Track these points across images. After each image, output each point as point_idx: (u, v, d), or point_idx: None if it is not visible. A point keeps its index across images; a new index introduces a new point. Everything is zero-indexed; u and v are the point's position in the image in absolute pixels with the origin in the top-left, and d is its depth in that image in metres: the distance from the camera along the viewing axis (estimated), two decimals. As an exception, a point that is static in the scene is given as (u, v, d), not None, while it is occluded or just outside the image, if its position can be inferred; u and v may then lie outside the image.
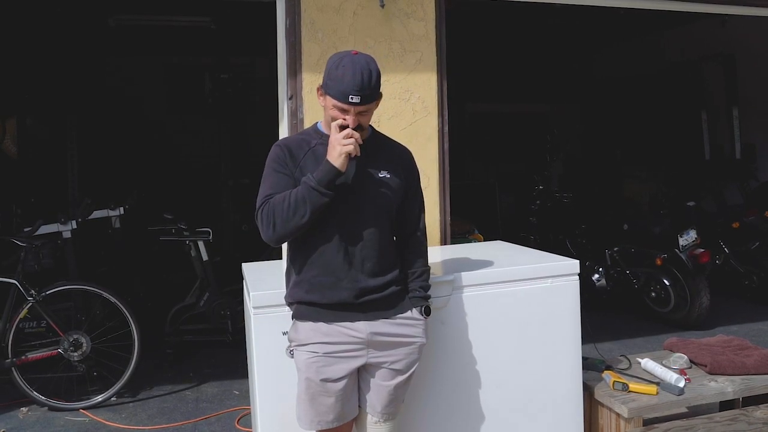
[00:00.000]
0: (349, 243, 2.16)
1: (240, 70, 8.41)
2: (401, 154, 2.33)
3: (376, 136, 2.32)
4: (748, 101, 7.43)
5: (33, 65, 6.79)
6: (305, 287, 2.18)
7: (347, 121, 2.08)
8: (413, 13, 3.65)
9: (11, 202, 6.06)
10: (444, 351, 2.62)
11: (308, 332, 2.18)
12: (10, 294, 3.97)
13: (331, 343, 2.16)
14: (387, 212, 2.22)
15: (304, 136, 2.28)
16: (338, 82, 2.05)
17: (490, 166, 9.93)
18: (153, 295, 5.73)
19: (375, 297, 2.19)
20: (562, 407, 2.83)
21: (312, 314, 2.18)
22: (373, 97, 2.12)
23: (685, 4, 4.44)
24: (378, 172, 2.20)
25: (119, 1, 5.91)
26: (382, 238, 2.21)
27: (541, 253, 3.14)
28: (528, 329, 2.75)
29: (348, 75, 2.04)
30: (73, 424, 3.79)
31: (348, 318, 2.17)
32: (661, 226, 5.57)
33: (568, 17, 6.98)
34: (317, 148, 2.19)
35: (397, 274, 2.27)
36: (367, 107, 2.11)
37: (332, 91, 2.07)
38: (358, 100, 2.05)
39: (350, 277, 2.16)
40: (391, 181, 2.22)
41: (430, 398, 2.62)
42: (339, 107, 2.08)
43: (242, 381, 4.29)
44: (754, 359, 3.09)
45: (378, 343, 2.19)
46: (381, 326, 2.20)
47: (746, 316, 5.60)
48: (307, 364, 2.17)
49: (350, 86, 2.04)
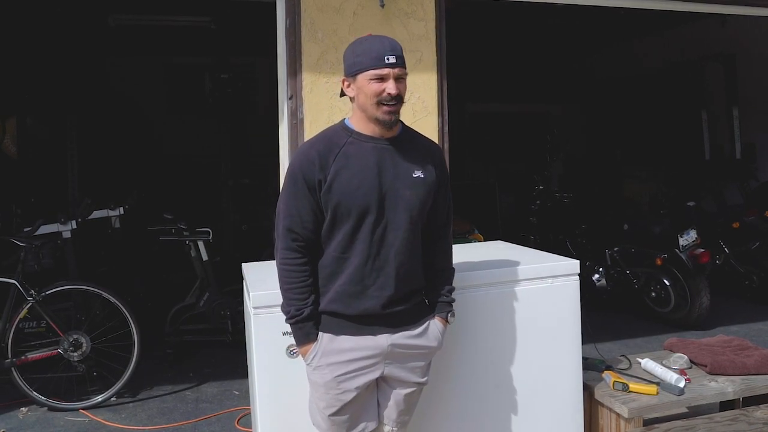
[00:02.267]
0: (381, 249, 2.06)
1: (240, 70, 8.41)
2: (433, 150, 2.23)
3: (407, 131, 2.21)
4: (748, 101, 7.42)
5: (33, 65, 6.78)
6: (329, 296, 2.09)
7: (389, 88, 1.99)
8: (413, 13, 3.65)
9: (11, 202, 6.06)
10: (444, 351, 2.61)
11: (329, 346, 2.10)
12: (10, 294, 3.97)
13: (351, 360, 2.08)
14: (420, 214, 2.12)
15: (332, 134, 2.13)
16: (368, 52, 2.01)
17: (490, 166, 9.93)
18: (153, 295, 5.73)
19: (400, 309, 2.11)
20: (562, 407, 2.83)
21: (333, 326, 2.10)
22: (404, 62, 2.04)
23: (685, 4, 4.43)
24: (413, 172, 2.10)
25: (119, 1, 5.91)
26: (414, 243, 2.13)
27: (541, 253, 3.14)
28: (528, 329, 2.75)
29: (376, 42, 2.03)
30: (73, 424, 3.79)
31: (371, 331, 2.09)
32: (661, 226, 5.57)
33: (568, 17, 6.98)
34: (348, 147, 2.07)
35: (422, 285, 2.21)
36: (402, 71, 2.03)
37: (365, 62, 2.00)
38: (395, 60, 1.99)
39: (378, 285, 2.06)
40: (425, 181, 2.12)
41: (430, 398, 2.62)
42: (377, 75, 1.99)
43: (242, 381, 4.29)
44: (755, 359, 3.09)
45: (396, 355, 2.14)
46: (401, 339, 2.13)
47: (746, 316, 5.60)
48: (326, 385, 2.10)
49: (382, 49, 2.00)
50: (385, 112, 2.02)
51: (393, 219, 2.07)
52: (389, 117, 2.03)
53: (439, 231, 2.25)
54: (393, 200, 2.06)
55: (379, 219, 2.05)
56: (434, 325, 2.22)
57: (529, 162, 8.84)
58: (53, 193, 6.66)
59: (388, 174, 2.07)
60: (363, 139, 2.09)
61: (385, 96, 2.00)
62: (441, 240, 2.26)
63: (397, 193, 2.07)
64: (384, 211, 2.05)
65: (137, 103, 8.35)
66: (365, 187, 2.03)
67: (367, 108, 2.04)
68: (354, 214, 2.03)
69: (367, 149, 2.08)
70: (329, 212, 2.05)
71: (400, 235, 2.07)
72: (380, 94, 2.01)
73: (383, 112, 2.02)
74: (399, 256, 2.08)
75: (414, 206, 2.09)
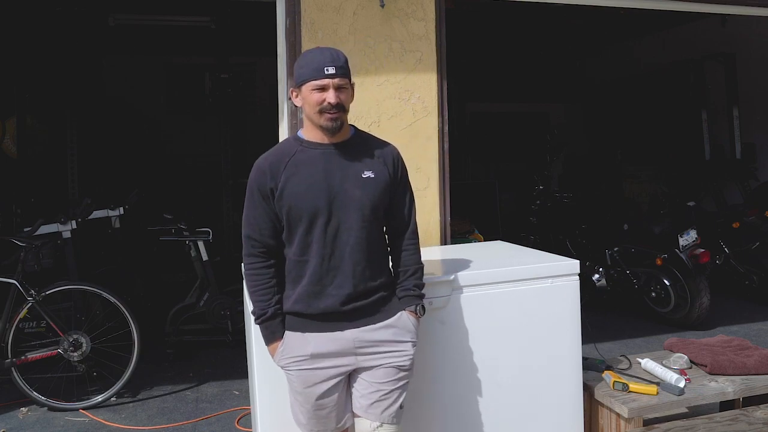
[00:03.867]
0: (337, 249, 2.14)
1: (240, 70, 8.42)
2: (386, 151, 2.28)
3: (360, 135, 2.29)
4: (748, 101, 7.42)
5: (33, 65, 6.78)
6: (293, 298, 2.18)
7: (329, 98, 2.09)
8: (413, 13, 3.65)
9: (11, 202, 6.06)
10: (444, 351, 2.62)
11: (295, 343, 2.18)
12: (10, 294, 3.97)
13: (318, 355, 2.15)
14: (374, 213, 2.18)
15: (284, 146, 2.26)
16: (309, 63, 2.13)
17: (490, 166, 9.94)
18: (153, 295, 5.73)
19: (362, 304, 2.17)
20: (562, 407, 2.83)
21: (297, 325, 2.18)
22: (346, 72, 2.15)
23: (685, 4, 4.44)
24: (361, 172, 2.18)
25: (119, 1, 5.91)
26: (371, 241, 2.19)
27: (541, 253, 3.14)
28: (528, 329, 2.75)
29: (316, 54, 2.14)
30: (73, 424, 3.79)
31: (335, 327, 2.16)
32: (661, 226, 5.56)
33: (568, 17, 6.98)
34: (297, 156, 2.18)
35: (386, 280, 2.25)
36: (344, 81, 2.13)
37: (307, 73, 2.12)
38: (334, 71, 2.09)
39: (336, 284, 2.14)
40: (375, 180, 2.19)
41: (430, 398, 2.62)
42: (317, 86, 2.10)
43: (242, 381, 4.29)
44: (755, 359, 3.09)
45: (366, 349, 2.18)
46: (368, 333, 2.18)
47: (746, 316, 5.60)
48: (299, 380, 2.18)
49: (322, 61, 2.11)
50: (327, 119, 2.13)
51: (345, 219, 2.14)
52: (331, 123, 2.13)
53: (401, 228, 2.30)
54: (343, 201, 2.14)
55: (330, 219, 2.14)
56: (406, 316, 2.25)
57: (529, 162, 8.85)
58: (53, 193, 6.66)
59: (335, 176, 2.16)
60: (311, 146, 2.20)
61: (325, 105, 2.11)
62: (404, 238, 2.31)
63: (346, 193, 2.15)
64: (334, 212, 2.14)
65: (137, 102, 8.35)
66: (314, 190, 2.13)
67: (312, 116, 2.16)
68: (305, 216, 2.13)
69: (315, 155, 2.18)
70: (284, 218, 2.16)
71: (354, 234, 2.15)
72: (321, 103, 2.11)
73: (325, 119, 2.13)
74: (354, 255, 2.15)
75: (365, 205, 2.16)
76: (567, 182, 9.14)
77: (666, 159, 8.35)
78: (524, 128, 10.08)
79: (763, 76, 7.38)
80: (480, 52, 8.82)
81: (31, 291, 3.94)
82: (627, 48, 9.23)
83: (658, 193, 7.91)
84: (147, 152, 8.11)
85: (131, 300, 4.80)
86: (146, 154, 8.09)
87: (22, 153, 6.42)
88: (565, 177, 9.55)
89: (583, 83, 10.26)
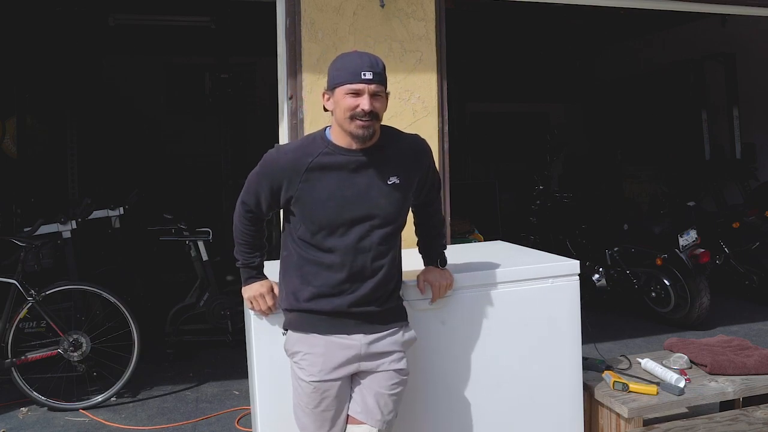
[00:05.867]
0: (359, 254, 2.12)
1: (240, 70, 8.41)
2: (411, 146, 2.26)
3: (388, 135, 2.21)
4: (748, 101, 7.42)
5: (33, 65, 6.78)
6: (307, 295, 2.15)
7: (363, 104, 2.01)
8: (413, 13, 3.65)
9: (11, 202, 6.06)
10: (444, 351, 2.62)
11: (305, 343, 2.17)
12: (10, 294, 3.97)
13: (328, 353, 2.14)
14: (398, 218, 2.18)
15: (308, 143, 2.17)
16: (347, 66, 2.04)
17: (490, 166, 9.94)
18: (153, 295, 5.72)
19: (373, 310, 2.16)
20: (562, 407, 2.83)
21: (310, 323, 2.17)
22: (383, 80, 2.07)
23: (685, 4, 4.44)
24: (387, 179, 2.13)
25: (119, 1, 5.91)
26: (394, 245, 2.20)
27: (542, 253, 3.14)
28: (528, 329, 2.74)
29: (355, 58, 2.06)
30: (73, 424, 3.79)
31: (345, 330, 2.15)
32: (661, 226, 5.56)
33: (568, 17, 6.98)
34: (321, 158, 2.10)
35: (398, 285, 2.27)
36: (380, 89, 2.05)
37: (342, 76, 2.03)
38: (371, 76, 2.01)
39: (355, 288, 2.13)
40: (401, 186, 2.16)
41: (430, 398, 2.62)
42: (352, 90, 2.01)
43: (242, 381, 4.29)
44: (755, 359, 3.09)
45: (371, 354, 2.18)
46: (375, 339, 2.18)
47: (746, 316, 5.60)
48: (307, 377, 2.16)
49: (359, 65, 2.02)
50: (359, 127, 2.04)
51: (371, 227, 2.13)
52: (362, 132, 2.05)
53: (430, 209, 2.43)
54: (367, 210, 2.11)
55: (356, 227, 2.11)
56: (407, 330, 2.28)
57: (529, 162, 8.85)
58: (53, 193, 6.66)
59: (360, 185, 2.11)
60: (337, 151, 2.11)
61: (358, 111, 2.02)
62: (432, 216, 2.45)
63: (371, 202, 2.12)
64: (357, 221, 2.11)
65: (137, 102, 8.35)
66: (336, 199, 2.09)
67: (342, 122, 2.07)
68: (326, 225, 2.10)
69: (340, 161, 2.11)
70: (300, 220, 2.15)
71: (378, 242, 2.14)
72: (354, 109, 2.03)
73: (356, 127, 2.04)
74: (375, 262, 2.14)
75: (389, 213, 2.15)
76: (567, 182, 9.14)
77: (666, 159, 8.36)
78: (524, 128, 10.09)
79: (763, 76, 7.38)
80: (480, 52, 8.82)
81: (31, 291, 3.94)
82: (627, 48, 9.24)
83: (658, 193, 7.92)
84: (147, 152, 8.12)
85: (131, 300, 4.80)
86: (146, 154, 8.09)
87: (22, 153, 6.42)
88: (565, 177, 9.54)
89: (583, 83, 10.26)
